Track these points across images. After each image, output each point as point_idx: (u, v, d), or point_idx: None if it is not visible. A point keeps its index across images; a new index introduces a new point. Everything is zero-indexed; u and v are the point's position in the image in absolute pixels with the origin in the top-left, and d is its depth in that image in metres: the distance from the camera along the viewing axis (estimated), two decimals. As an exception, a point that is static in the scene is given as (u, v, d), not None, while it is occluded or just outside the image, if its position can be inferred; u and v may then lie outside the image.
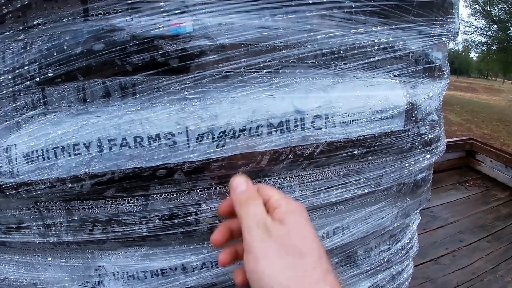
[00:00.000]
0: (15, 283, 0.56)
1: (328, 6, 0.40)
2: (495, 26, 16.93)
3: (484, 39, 18.14)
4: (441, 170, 3.70)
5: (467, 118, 11.37)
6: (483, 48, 18.91)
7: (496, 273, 2.20)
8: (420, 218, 0.88)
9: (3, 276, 0.56)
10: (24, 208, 0.48)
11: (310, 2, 0.38)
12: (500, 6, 16.25)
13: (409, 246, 0.77)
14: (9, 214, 0.49)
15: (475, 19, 17.50)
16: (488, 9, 16.62)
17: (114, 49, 0.36)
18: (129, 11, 0.36)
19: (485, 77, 45.09)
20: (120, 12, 0.36)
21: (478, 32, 17.82)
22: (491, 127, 10.09)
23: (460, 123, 10.40)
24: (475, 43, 18.69)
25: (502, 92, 23.32)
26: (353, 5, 0.41)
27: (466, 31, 18.00)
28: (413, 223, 0.77)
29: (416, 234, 0.82)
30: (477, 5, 16.56)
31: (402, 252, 0.74)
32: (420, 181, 0.63)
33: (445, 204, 3.10)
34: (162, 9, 0.36)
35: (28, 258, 0.55)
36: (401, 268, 0.79)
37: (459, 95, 19.70)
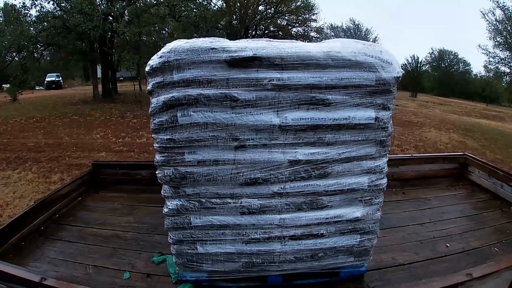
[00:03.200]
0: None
1: (352, 92, 1.81)
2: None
3: (508, 70, 18.75)
4: (438, 176, 4.72)
5: (484, 144, 11.86)
6: (507, 78, 19.44)
7: (463, 235, 3.19)
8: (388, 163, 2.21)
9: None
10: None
11: (350, 92, 1.79)
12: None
13: (383, 167, 2.10)
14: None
15: (500, 50, 18.17)
16: (511, 41, 17.33)
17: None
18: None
19: (517, 106, 44.33)
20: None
21: (502, 63, 18.47)
22: (505, 153, 10.62)
23: (476, 148, 11.01)
24: (499, 73, 19.23)
25: (531, 122, 23.04)
26: (360, 94, 1.81)
27: (491, 61, 18.74)
28: (385, 156, 2.09)
29: (386, 164, 2.13)
30: (499, 38, 17.30)
31: (380, 168, 2.07)
32: (383, 140, 1.98)
33: (436, 196, 4.13)
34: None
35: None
36: (382, 176, 2.11)
37: (484, 123, 19.92)
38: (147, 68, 1.85)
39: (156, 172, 2.02)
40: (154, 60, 1.80)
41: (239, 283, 2.30)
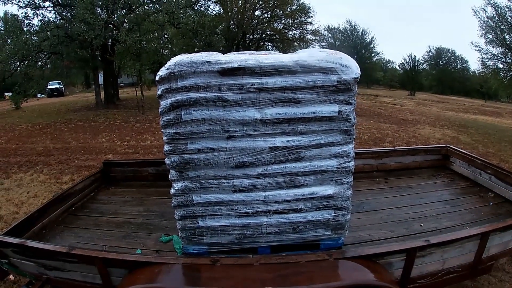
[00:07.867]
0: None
1: (318, 92, 2.27)
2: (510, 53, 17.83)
3: (501, 66, 19.03)
4: (422, 167, 5.05)
5: (477, 139, 12.08)
6: (501, 74, 19.72)
7: (437, 217, 3.52)
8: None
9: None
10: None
11: (316, 92, 2.25)
12: (514, 34, 17.19)
13: (350, 152, 2.53)
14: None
15: (492, 47, 18.45)
16: (502, 37, 17.61)
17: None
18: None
19: (516, 102, 44.34)
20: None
21: (495, 59, 18.73)
22: (498, 147, 10.94)
23: (469, 143, 11.28)
24: (492, 69, 19.51)
25: (529, 118, 22.86)
26: (325, 92, 2.27)
27: (483, 57, 19.02)
28: (351, 143, 2.52)
29: (353, 150, 2.57)
30: (490, 34, 17.55)
31: (347, 152, 2.51)
32: (348, 129, 2.43)
33: (416, 184, 4.45)
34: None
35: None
36: (349, 160, 2.55)
37: (481, 119, 20.09)
38: (156, 78, 2.33)
39: (165, 159, 2.47)
40: (163, 71, 2.28)
41: (234, 255, 2.69)
